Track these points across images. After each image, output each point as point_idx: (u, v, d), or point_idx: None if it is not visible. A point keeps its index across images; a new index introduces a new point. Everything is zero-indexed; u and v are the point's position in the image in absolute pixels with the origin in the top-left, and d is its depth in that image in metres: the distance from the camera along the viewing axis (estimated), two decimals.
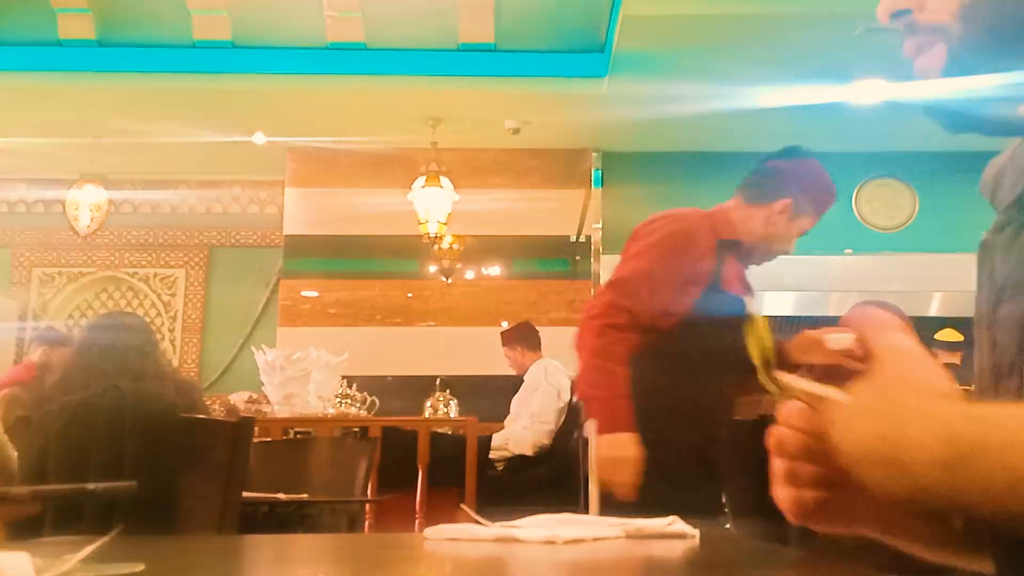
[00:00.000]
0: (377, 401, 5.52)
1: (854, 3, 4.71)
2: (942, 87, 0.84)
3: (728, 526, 3.23)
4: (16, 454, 2.45)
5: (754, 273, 2.69)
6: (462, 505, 1.39)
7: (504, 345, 6.13)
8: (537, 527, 1.00)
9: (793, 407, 0.71)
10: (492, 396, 6.03)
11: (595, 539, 0.98)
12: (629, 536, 1.00)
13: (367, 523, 4.43)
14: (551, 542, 0.94)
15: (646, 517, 1.02)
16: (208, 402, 4.14)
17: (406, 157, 6.93)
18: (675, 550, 0.97)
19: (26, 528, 2.25)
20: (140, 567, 0.69)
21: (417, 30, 6.21)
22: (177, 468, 2.34)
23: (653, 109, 6.18)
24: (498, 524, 1.03)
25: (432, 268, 7.10)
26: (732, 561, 0.97)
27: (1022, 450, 0.61)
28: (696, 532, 1.01)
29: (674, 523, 1.01)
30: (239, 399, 5.54)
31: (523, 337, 6.09)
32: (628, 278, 2.49)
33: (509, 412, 5.85)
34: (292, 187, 7.26)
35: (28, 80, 6.13)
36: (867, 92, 5.90)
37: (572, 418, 5.61)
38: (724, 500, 2.85)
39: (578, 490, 5.00)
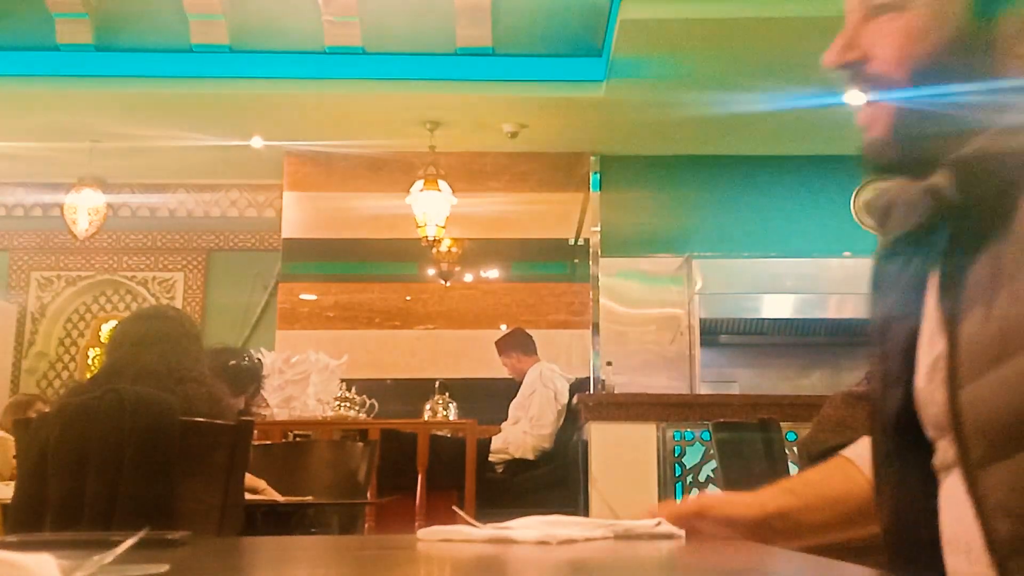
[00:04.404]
0: (376, 404, 5.52)
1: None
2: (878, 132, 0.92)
3: None
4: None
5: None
6: (454, 507, 1.39)
7: (500, 353, 6.13)
8: (529, 528, 1.01)
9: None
10: (491, 399, 6.03)
11: (586, 540, 0.99)
12: (617, 537, 1.02)
13: (367, 526, 4.44)
14: (545, 543, 0.95)
15: None
16: None
17: (404, 161, 6.94)
18: (663, 550, 0.99)
19: (26, 527, 2.26)
20: (164, 568, 0.69)
21: (415, 34, 6.22)
22: (176, 471, 2.34)
23: (651, 113, 6.19)
24: (490, 526, 1.04)
25: (430, 271, 7.10)
26: (717, 560, 0.98)
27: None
28: (682, 533, 1.03)
29: (661, 524, 1.03)
30: None
31: (517, 343, 6.10)
32: None
33: (508, 415, 5.86)
34: (290, 191, 7.27)
35: (26, 84, 6.14)
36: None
37: (571, 420, 5.62)
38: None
39: (577, 492, 5.02)
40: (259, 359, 4.11)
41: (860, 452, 1.11)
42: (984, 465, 0.81)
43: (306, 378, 5.28)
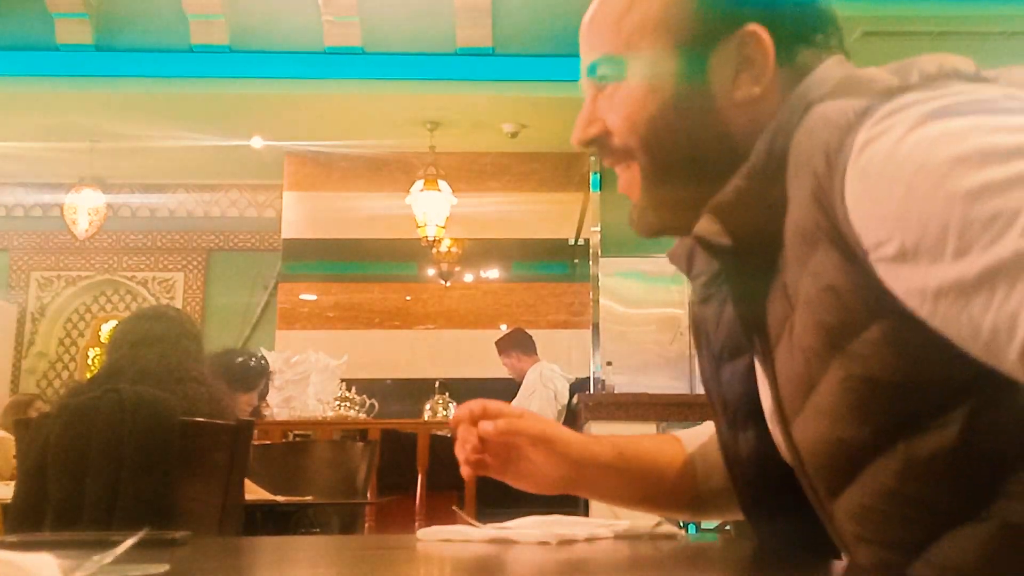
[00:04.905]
0: (376, 404, 5.52)
1: (847, 8, 4.73)
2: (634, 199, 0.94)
3: (728, 527, 3.24)
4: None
5: None
6: (454, 507, 1.40)
7: (500, 353, 6.14)
8: (529, 528, 1.02)
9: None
10: (491, 398, 6.00)
11: (586, 539, 0.99)
12: (617, 537, 1.02)
13: (367, 526, 4.44)
14: (545, 542, 0.95)
15: None
16: None
17: (404, 161, 6.94)
18: (663, 550, 0.99)
19: (26, 527, 2.26)
20: (164, 567, 0.69)
21: (415, 34, 6.23)
22: (176, 471, 2.34)
23: None
24: (490, 526, 1.04)
25: (431, 271, 7.10)
26: (716, 561, 0.98)
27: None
28: (683, 533, 1.03)
29: (660, 524, 1.03)
30: None
31: (517, 343, 6.11)
32: None
33: None
34: (290, 191, 7.27)
35: (26, 84, 6.14)
36: None
37: (571, 420, 5.62)
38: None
39: None
40: (262, 358, 4.12)
41: (692, 434, 1.13)
42: (832, 498, 0.80)
43: (306, 378, 5.28)
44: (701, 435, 1.12)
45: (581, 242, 7.08)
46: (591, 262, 6.93)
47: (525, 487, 1.11)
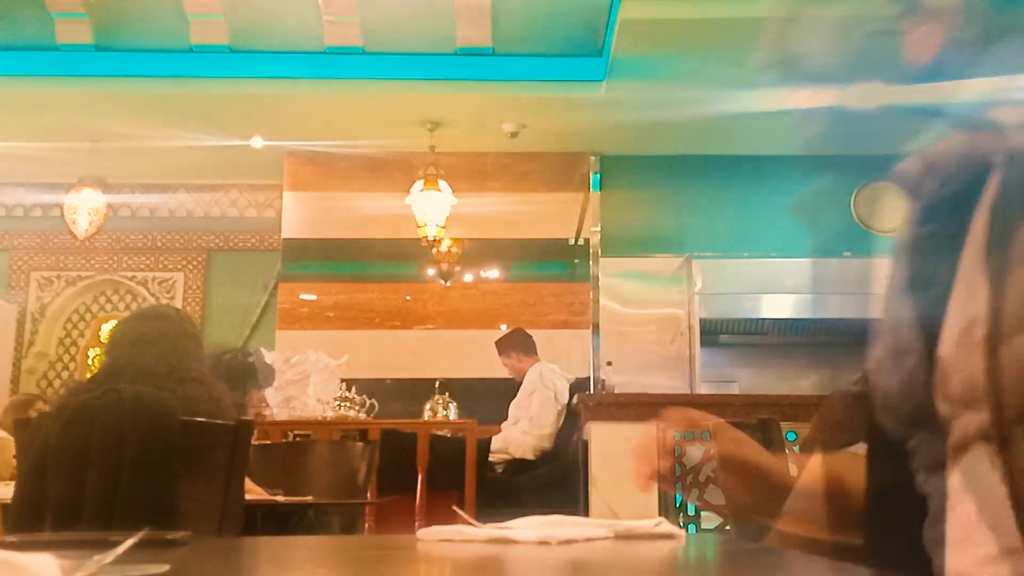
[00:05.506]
0: (376, 404, 5.52)
1: (853, 6, 4.72)
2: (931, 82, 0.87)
3: (728, 527, 3.24)
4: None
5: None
6: (454, 507, 1.39)
7: (500, 353, 6.13)
8: (529, 528, 1.02)
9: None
10: (491, 399, 6.03)
11: (586, 539, 0.99)
12: (618, 536, 1.02)
13: (367, 526, 4.44)
14: (545, 542, 0.95)
15: None
16: None
17: (404, 161, 6.94)
18: (663, 550, 0.99)
19: (26, 527, 2.26)
20: (164, 568, 0.69)
21: (415, 34, 6.23)
22: (176, 471, 2.34)
23: (651, 113, 6.19)
24: (490, 525, 1.04)
25: (431, 271, 7.10)
26: (717, 561, 0.98)
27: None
28: (683, 533, 1.03)
29: (661, 524, 1.03)
30: None
31: (517, 344, 6.10)
32: None
33: (508, 415, 5.86)
34: (290, 191, 7.27)
35: (26, 84, 6.15)
36: (866, 95, 5.89)
37: (571, 421, 5.62)
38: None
39: (578, 492, 5.02)
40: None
41: None
42: (1020, 421, 0.75)
43: (306, 378, 5.28)
44: None
45: (581, 242, 7.08)
46: (591, 262, 6.93)
47: (712, 509, 1.07)
